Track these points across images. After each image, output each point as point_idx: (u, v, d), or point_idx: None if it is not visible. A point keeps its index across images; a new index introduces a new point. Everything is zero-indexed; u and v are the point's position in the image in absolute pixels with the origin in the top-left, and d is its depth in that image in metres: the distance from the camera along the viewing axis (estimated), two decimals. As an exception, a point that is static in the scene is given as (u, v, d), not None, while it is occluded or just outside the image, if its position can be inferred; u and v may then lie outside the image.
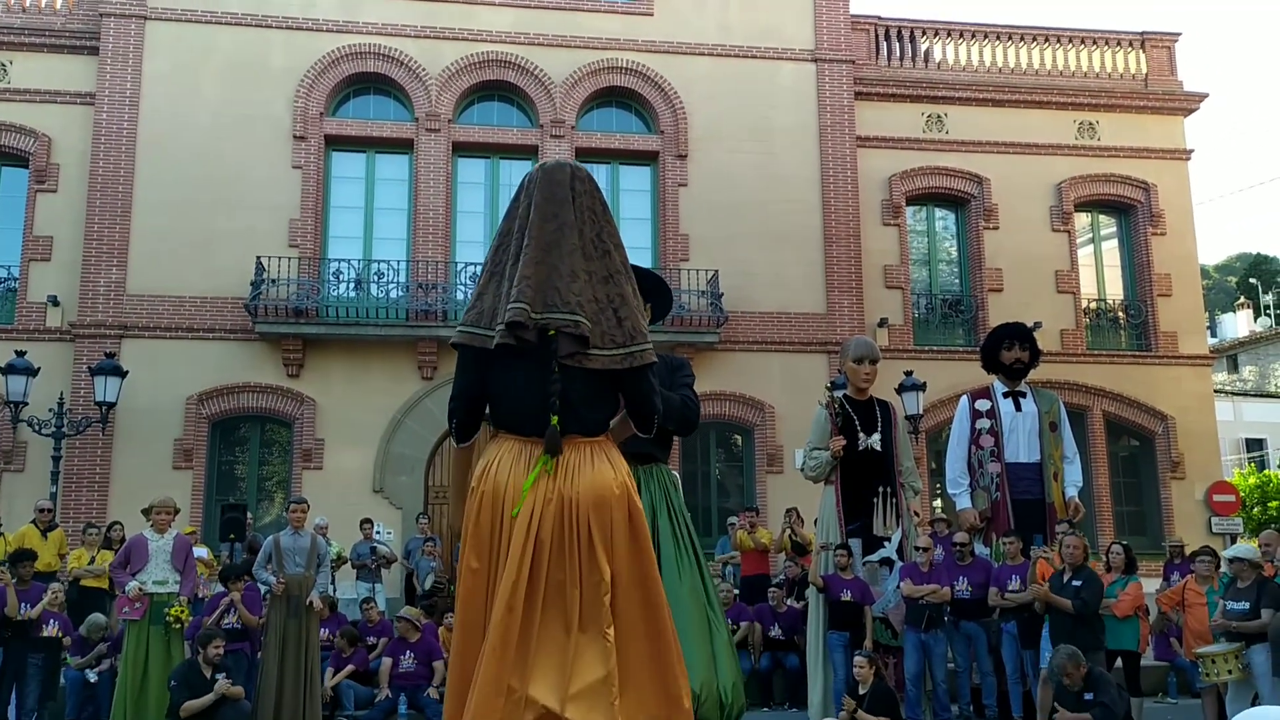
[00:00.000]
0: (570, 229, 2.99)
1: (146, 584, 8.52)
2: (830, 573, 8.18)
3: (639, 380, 3.04)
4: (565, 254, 2.96)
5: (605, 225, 3.08)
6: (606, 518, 2.96)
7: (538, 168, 3.14)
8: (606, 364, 2.96)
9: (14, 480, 15.00)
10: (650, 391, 3.07)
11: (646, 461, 4.39)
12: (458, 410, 3.09)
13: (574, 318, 2.90)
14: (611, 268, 3.04)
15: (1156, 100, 19.04)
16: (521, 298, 2.88)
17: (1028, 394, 8.56)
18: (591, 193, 3.08)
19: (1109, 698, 6.24)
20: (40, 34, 16.26)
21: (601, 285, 3.00)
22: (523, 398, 3.00)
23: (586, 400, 3.00)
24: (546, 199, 3.02)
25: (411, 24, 16.87)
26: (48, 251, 15.79)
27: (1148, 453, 18.25)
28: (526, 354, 2.95)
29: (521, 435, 3.02)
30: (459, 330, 3.03)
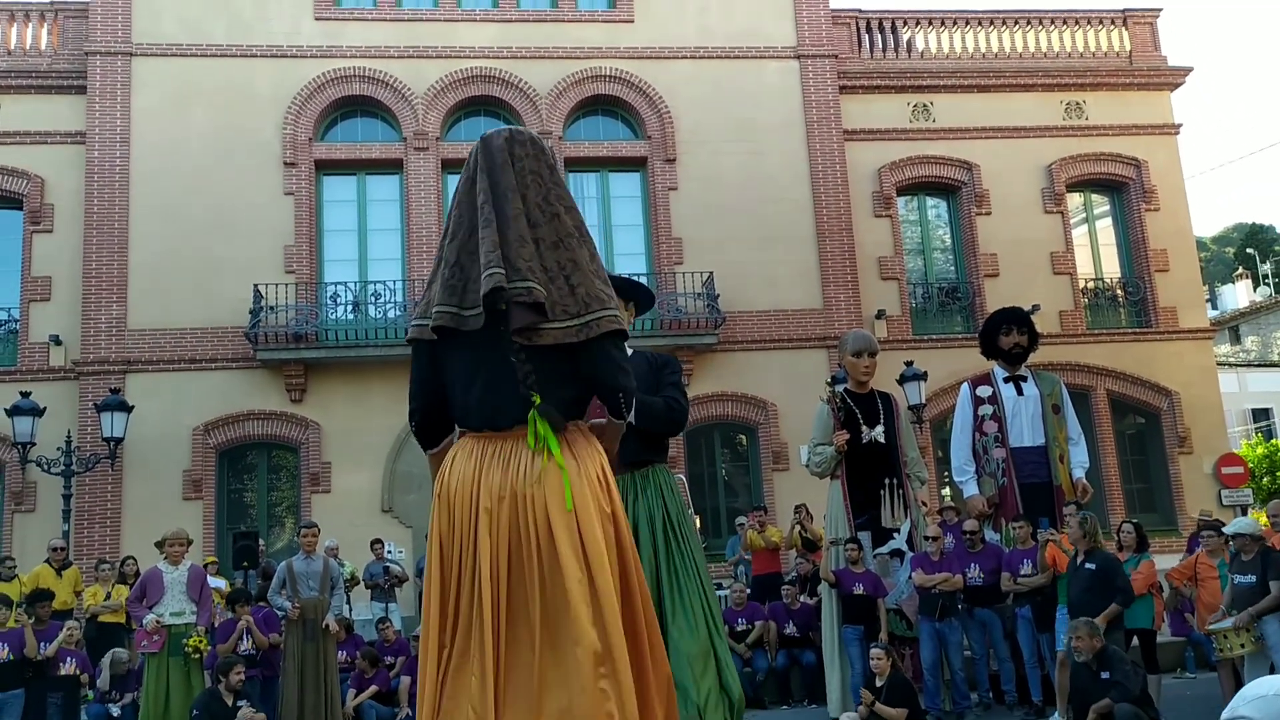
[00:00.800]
0: (513, 194, 2.75)
1: (164, 616, 8.56)
2: (841, 567, 8.21)
3: (596, 353, 2.70)
4: (509, 220, 2.72)
5: (553, 188, 2.82)
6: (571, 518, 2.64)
7: (477, 141, 2.94)
8: (560, 338, 2.67)
9: (25, 520, 15.05)
10: (612, 366, 2.72)
11: (640, 466, 4.09)
12: (415, 411, 2.87)
13: (526, 284, 2.64)
14: (562, 231, 2.77)
15: (1142, 77, 19.08)
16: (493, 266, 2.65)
17: (1029, 378, 8.59)
18: (535, 155, 2.84)
19: (1124, 675, 6.26)
20: (27, 75, 16.34)
21: (551, 251, 2.73)
22: (470, 387, 2.76)
23: (543, 383, 2.70)
24: (486, 170, 2.81)
25: (394, 45, 16.94)
26: (47, 291, 15.86)
27: (1154, 429, 18.26)
28: (472, 339, 2.72)
29: (474, 430, 2.78)
30: (409, 325, 2.88)
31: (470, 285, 2.72)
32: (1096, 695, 6.18)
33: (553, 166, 2.88)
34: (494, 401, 2.73)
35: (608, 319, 2.69)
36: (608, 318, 2.69)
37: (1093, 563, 7.33)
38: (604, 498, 2.72)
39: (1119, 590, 7.21)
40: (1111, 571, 7.30)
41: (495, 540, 2.63)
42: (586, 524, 2.65)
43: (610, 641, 2.57)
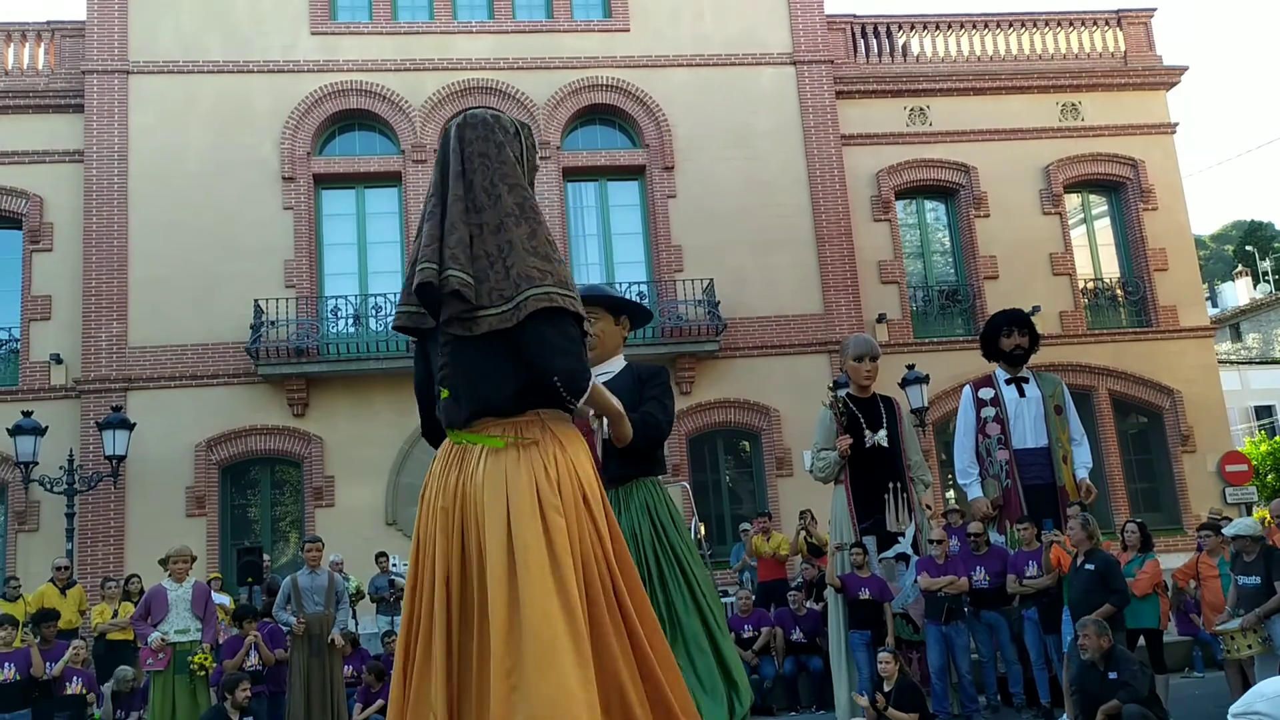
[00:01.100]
0: (457, 180, 2.67)
1: (168, 634, 8.55)
2: (847, 572, 8.20)
3: (526, 335, 2.55)
4: (448, 209, 2.65)
5: (499, 167, 2.69)
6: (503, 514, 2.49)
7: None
8: (495, 324, 2.55)
9: (29, 540, 15.04)
10: (540, 347, 2.55)
11: (624, 481, 3.90)
12: (420, 409, 2.85)
13: (447, 272, 2.56)
14: (503, 212, 2.63)
15: (1137, 76, 19.11)
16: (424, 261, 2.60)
17: (1030, 379, 8.58)
18: (485, 137, 2.71)
19: (1131, 674, 6.24)
20: (25, 95, 16.38)
21: (493, 236, 2.61)
22: (426, 383, 2.76)
23: (486, 374, 2.60)
24: (439, 161, 2.75)
25: (391, 58, 16.98)
26: (47, 310, 15.87)
27: (1157, 428, 18.24)
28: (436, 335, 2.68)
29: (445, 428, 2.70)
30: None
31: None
32: (1104, 695, 6.17)
33: (501, 144, 2.73)
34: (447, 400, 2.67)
35: (535, 297, 2.54)
36: (535, 295, 2.54)
37: (1092, 563, 7.33)
38: (550, 489, 2.52)
39: (1115, 591, 7.21)
40: (1109, 572, 7.30)
41: (449, 542, 2.55)
42: (517, 519, 2.47)
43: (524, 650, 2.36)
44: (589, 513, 2.58)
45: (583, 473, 2.62)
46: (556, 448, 2.60)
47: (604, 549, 2.58)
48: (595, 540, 2.57)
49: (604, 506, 2.66)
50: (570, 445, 2.64)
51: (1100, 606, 7.08)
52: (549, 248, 2.65)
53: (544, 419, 2.63)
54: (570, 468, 2.59)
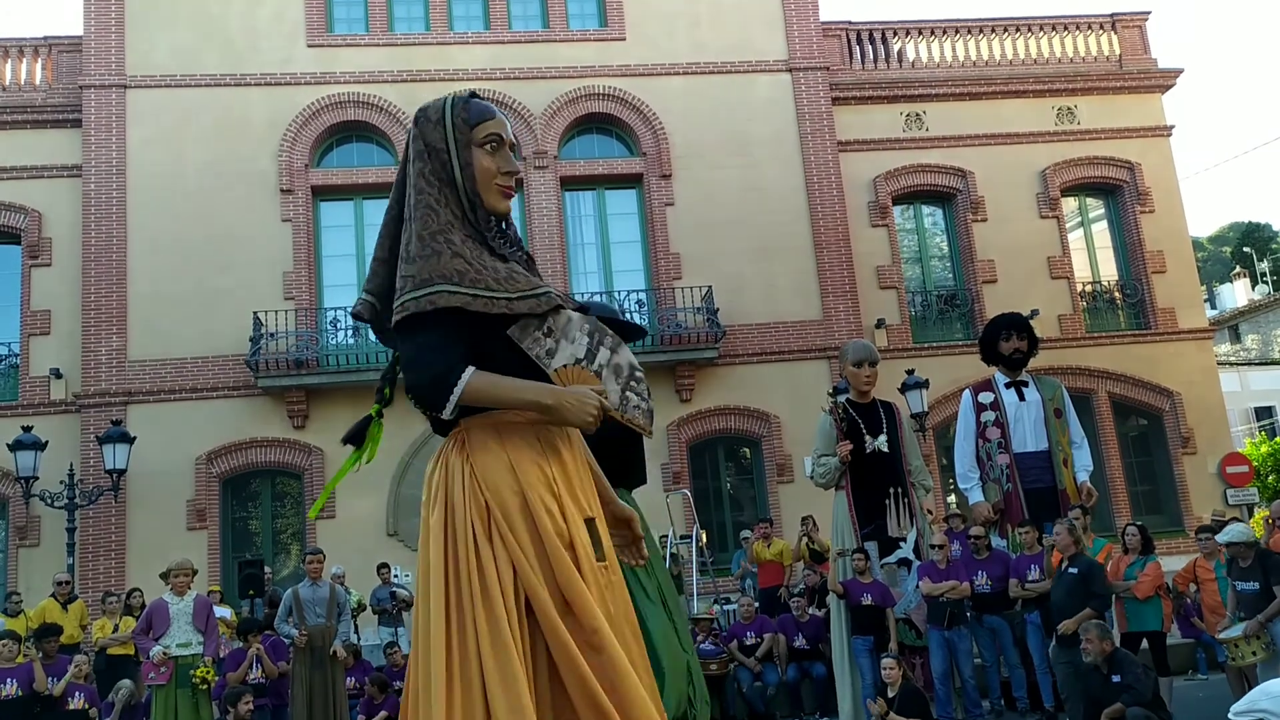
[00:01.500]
0: (395, 188, 2.56)
1: (170, 648, 8.54)
2: (849, 578, 8.19)
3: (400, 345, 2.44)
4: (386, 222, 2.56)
5: (428, 163, 2.51)
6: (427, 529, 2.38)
7: None
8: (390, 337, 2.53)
9: (30, 555, 15.02)
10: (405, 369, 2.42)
11: None
12: None
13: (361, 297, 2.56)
14: (410, 213, 2.47)
15: (1133, 80, 19.16)
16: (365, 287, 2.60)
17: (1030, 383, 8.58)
18: (421, 135, 2.53)
19: (1135, 677, 6.23)
20: (22, 110, 16.40)
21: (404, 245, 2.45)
22: None
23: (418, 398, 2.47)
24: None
25: (388, 69, 17.02)
26: (46, 325, 15.88)
27: (1157, 430, 18.24)
28: None
29: None
30: None
31: None
32: (1107, 699, 6.16)
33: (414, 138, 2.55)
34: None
35: (396, 310, 2.39)
36: (395, 310, 2.39)
37: (1075, 567, 7.33)
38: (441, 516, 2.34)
39: (1096, 595, 7.22)
40: (1092, 576, 7.31)
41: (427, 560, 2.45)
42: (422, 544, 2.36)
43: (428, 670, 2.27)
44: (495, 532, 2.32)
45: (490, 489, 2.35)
46: (462, 464, 2.39)
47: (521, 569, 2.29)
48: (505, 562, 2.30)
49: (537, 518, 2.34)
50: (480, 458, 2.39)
51: (1079, 610, 7.10)
52: (422, 244, 2.41)
53: (466, 428, 2.43)
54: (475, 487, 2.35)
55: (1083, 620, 7.05)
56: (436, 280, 2.37)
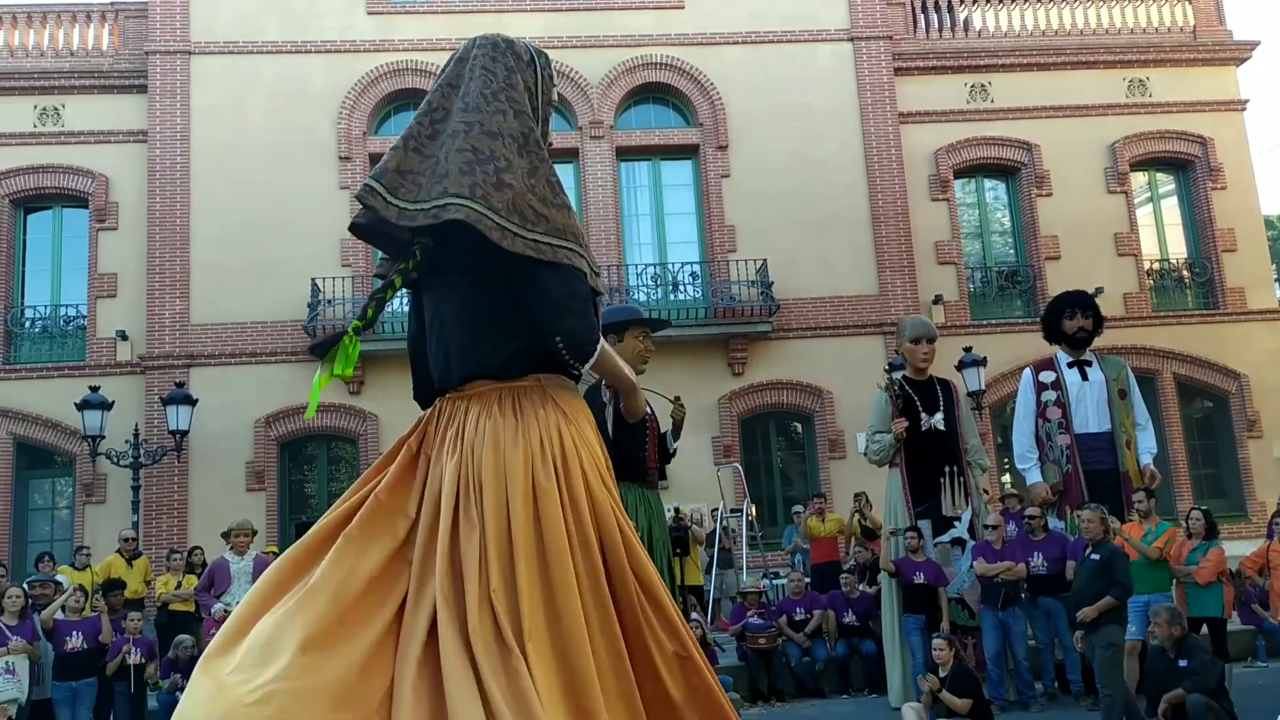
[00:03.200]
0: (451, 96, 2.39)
1: (231, 605, 8.72)
2: (901, 556, 8.13)
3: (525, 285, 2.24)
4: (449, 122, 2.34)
5: (505, 89, 2.37)
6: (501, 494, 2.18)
7: None
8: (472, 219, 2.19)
9: (96, 512, 15.43)
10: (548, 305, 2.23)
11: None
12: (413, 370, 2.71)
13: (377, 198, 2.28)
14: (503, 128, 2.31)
15: (1207, 52, 18.59)
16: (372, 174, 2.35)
17: (1093, 362, 8.41)
18: (491, 55, 2.42)
19: (1202, 664, 6.11)
20: (90, 76, 16.68)
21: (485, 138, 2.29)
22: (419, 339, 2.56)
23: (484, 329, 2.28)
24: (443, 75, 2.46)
25: (445, 37, 17.02)
26: (113, 288, 16.21)
27: (1222, 413, 17.83)
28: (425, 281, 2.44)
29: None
30: None
31: None
32: (1172, 683, 6.05)
33: (511, 69, 2.41)
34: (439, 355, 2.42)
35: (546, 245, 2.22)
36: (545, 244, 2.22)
37: (1098, 554, 7.19)
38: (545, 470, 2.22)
39: (1116, 583, 7.07)
40: (1113, 564, 7.15)
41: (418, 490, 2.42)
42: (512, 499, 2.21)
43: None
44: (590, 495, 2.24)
45: (586, 450, 2.28)
46: (560, 419, 2.28)
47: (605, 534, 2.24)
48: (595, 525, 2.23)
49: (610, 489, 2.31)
50: (576, 418, 2.31)
51: (1100, 596, 6.96)
52: (553, 190, 2.30)
53: (544, 385, 2.30)
54: (573, 443, 2.27)
55: (1104, 609, 6.91)
56: (578, 240, 2.31)
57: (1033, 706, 8.07)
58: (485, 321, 2.27)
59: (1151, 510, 8.06)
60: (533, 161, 2.30)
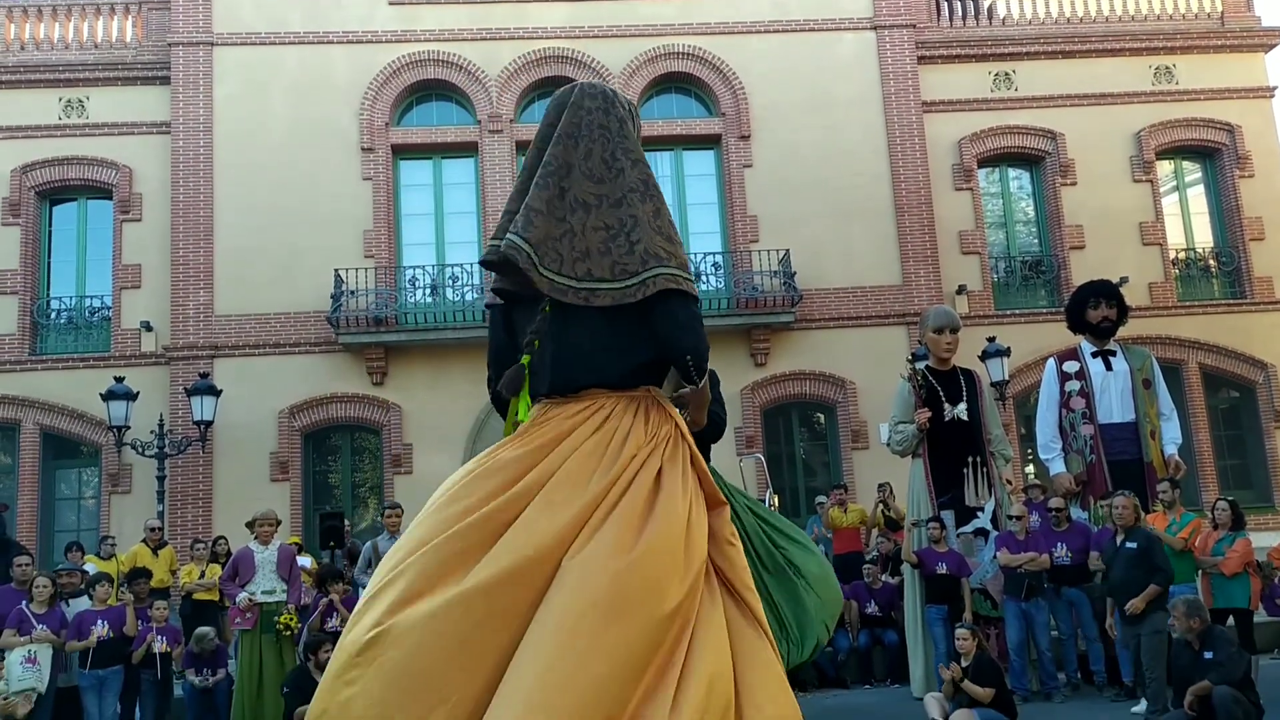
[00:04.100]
0: (564, 144, 2.64)
1: (255, 595, 8.80)
2: (924, 547, 8.10)
3: (657, 312, 2.55)
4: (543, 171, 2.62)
5: (621, 141, 2.67)
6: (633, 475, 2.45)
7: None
8: (617, 299, 2.53)
9: (122, 501, 15.58)
10: (673, 326, 2.56)
11: None
12: (490, 375, 2.79)
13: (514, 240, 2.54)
14: (625, 186, 2.61)
15: (1235, 38, 18.35)
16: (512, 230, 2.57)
17: (1118, 352, 8.37)
18: (604, 109, 2.69)
19: (1228, 656, 6.05)
20: (113, 68, 16.80)
21: (613, 209, 2.58)
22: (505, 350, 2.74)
23: (606, 347, 2.57)
24: (550, 124, 2.70)
25: (468, 28, 17.04)
26: (137, 279, 16.34)
27: (1249, 403, 17.65)
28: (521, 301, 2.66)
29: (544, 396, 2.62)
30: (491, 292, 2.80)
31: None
32: (1197, 676, 6.00)
33: (624, 120, 2.70)
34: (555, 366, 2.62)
35: (666, 276, 2.54)
36: (667, 275, 2.54)
37: (1134, 541, 7.12)
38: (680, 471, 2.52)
39: (1158, 570, 7.01)
40: (1152, 550, 7.09)
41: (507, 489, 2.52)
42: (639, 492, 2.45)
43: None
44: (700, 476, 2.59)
45: (688, 441, 2.61)
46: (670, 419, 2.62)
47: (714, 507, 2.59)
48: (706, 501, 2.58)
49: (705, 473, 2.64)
50: (678, 418, 2.65)
51: (1143, 584, 6.89)
52: (671, 228, 2.64)
53: (653, 394, 2.64)
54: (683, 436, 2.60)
55: (1150, 598, 6.85)
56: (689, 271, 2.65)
57: (1055, 697, 8.03)
58: (609, 342, 2.58)
59: (1176, 501, 8.01)
60: (655, 204, 2.64)
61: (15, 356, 16.00)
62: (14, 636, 8.18)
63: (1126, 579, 6.99)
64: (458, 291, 16.19)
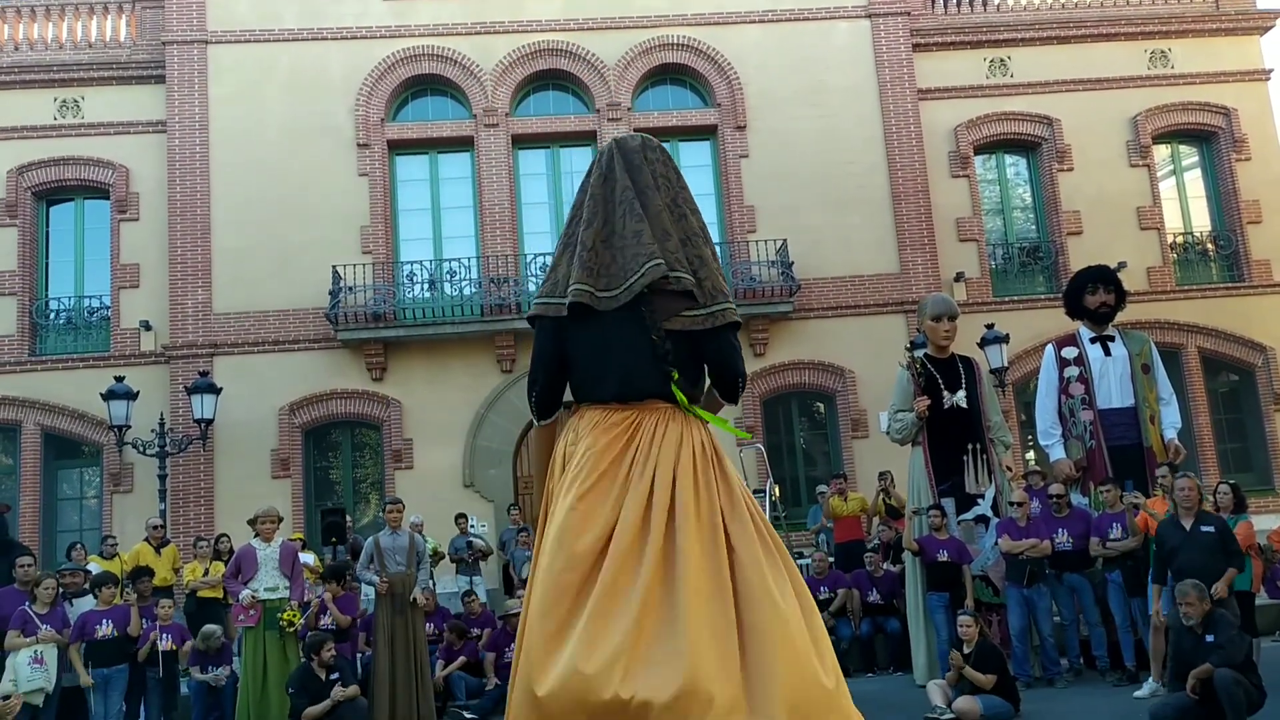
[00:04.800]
0: (652, 192, 3.04)
1: (258, 591, 8.81)
2: (925, 535, 8.12)
3: (720, 341, 2.98)
4: (655, 216, 3.00)
5: (681, 191, 3.11)
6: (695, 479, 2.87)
7: (609, 143, 3.18)
8: (687, 325, 2.93)
9: (124, 501, 15.60)
10: (732, 353, 3.01)
11: None
12: (537, 381, 3.07)
13: (678, 274, 2.93)
14: (689, 230, 3.05)
15: (1230, 21, 18.33)
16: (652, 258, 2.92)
17: (1116, 337, 8.38)
18: (664, 161, 3.13)
19: (1229, 639, 6.07)
20: (108, 67, 16.77)
21: (682, 248, 2.99)
22: (602, 362, 2.99)
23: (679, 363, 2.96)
24: (625, 169, 3.06)
25: (462, 22, 17.01)
26: (135, 278, 16.33)
27: (1248, 386, 17.66)
28: (603, 318, 2.94)
29: (600, 402, 2.99)
30: (534, 303, 3.07)
31: (610, 270, 2.96)
32: (1199, 659, 6.02)
33: (679, 172, 3.16)
34: (629, 376, 2.96)
35: (730, 311, 2.98)
36: (730, 310, 2.98)
37: (1210, 525, 7.05)
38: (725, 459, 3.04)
39: (1235, 554, 6.99)
40: (1228, 536, 7.07)
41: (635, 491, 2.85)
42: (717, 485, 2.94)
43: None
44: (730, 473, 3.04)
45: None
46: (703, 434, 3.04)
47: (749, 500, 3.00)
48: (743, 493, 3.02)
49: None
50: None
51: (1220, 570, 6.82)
52: (720, 265, 3.09)
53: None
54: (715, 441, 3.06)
55: (1230, 581, 6.81)
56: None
57: (1058, 682, 8.07)
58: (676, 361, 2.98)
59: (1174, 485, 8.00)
60: (711, 246, 3.09)
61: (15, 357, 16.01)
62: (19, 637, 8.20)
63: (1207, 564, 6.78)
64: (455, 286, 16.19)
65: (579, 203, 3.09)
